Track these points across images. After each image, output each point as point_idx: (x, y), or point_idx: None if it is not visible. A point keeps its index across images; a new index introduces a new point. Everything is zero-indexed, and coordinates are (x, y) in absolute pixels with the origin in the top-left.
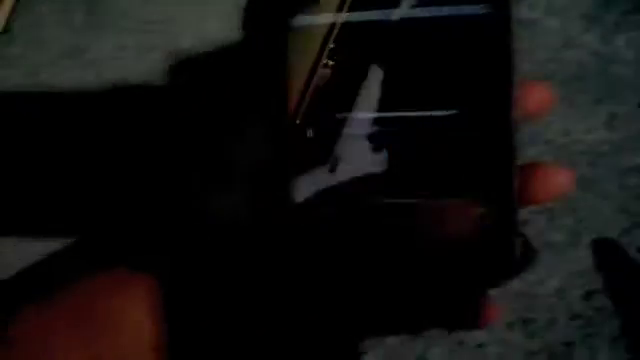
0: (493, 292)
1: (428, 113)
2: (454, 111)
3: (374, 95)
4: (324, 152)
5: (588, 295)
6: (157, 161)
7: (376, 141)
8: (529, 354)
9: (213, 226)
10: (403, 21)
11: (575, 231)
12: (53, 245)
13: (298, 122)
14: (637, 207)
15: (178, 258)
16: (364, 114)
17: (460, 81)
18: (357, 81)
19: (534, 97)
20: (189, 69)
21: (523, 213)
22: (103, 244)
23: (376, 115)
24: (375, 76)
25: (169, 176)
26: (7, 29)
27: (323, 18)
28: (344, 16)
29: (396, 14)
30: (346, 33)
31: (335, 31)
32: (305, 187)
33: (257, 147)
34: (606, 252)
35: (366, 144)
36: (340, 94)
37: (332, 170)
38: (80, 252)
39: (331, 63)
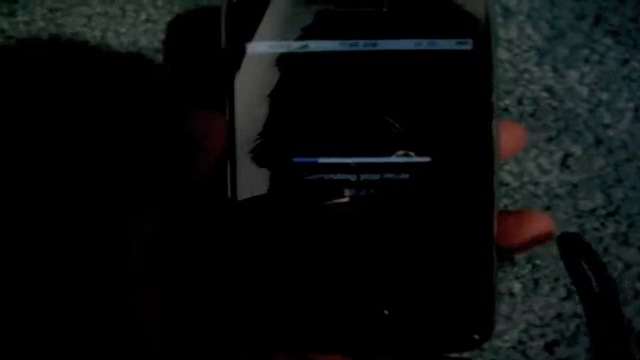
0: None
1: (401, 159)
2: (428, 157)
3: (340, 137)
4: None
5: (549, 346)
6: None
7: (339, 191)
8: None
9: None
10: (371, 53)
11: (533, 279)
12: None
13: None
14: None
15: None
16: (328, 159)
17: (436, 123)
18: (318, 119)
19: (507, 137)
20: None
21: None
22: None
23: (342, 160)
24: (340, 114)
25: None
26: None
27: (285, 46)
28: (309, 44)
29: (363, 45)
30: (310, 64)
31: (296, 61)
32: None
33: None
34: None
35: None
36: (300, 134)
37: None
38: None
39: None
